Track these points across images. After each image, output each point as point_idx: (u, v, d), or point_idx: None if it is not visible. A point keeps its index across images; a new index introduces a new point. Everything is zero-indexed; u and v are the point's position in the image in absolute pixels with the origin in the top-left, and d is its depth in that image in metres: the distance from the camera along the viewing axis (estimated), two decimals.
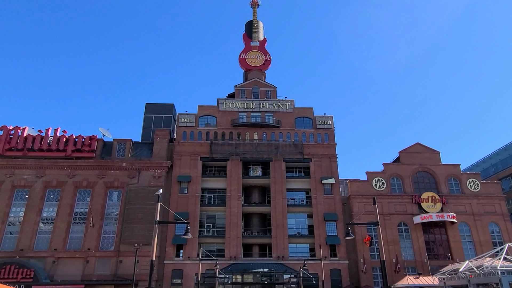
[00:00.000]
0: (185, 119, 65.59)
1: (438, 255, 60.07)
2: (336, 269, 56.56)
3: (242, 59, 73.33)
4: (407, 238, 60.49)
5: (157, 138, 63.53)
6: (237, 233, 58.16)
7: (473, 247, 60.14)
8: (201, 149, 63.40)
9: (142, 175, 60.03)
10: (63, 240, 55.13)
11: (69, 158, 60.07)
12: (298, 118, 67.20)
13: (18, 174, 58.70)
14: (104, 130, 63.98)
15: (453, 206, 62.06)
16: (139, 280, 49.85)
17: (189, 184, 60.75)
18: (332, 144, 65.29)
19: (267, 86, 69.86)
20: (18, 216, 57.05)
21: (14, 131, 60.70)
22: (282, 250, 57.48)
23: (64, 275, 52.49)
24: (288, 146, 64.15)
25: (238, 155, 63.01)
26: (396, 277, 53.82)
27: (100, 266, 53.94)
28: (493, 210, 62.90)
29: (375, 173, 64.57)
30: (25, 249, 53.90)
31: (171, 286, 54.05)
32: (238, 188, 61.13)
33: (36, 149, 59.80)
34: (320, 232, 58.62)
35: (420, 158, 66.18)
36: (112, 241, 56.06)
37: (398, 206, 62.02)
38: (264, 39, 76.01)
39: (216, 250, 57.83)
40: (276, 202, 60.50)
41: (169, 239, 56.77)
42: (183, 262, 55.78)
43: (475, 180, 65.14)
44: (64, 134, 61.42)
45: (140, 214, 55.91)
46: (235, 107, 67.07)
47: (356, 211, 60.09)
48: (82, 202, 58.62)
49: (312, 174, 62.92)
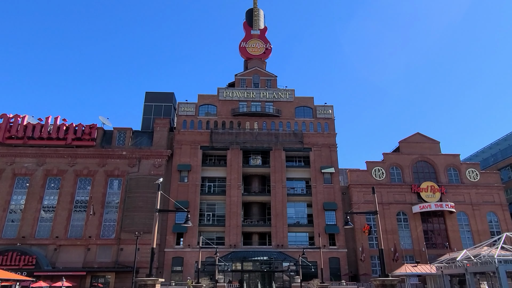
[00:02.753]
0: (185, 108, 65.45)
1: (436, 244, 60.58)
2: (335, 258, 57.13)
3: (243, 48, 72.76)
4: (405, 227, 60.93)
5: (157, 127, 63.53)
6: (237, 221, 58.56)
7: (471, 237, 60.61)
8: (201, 138, 63.44)
9: (142, 163, 60.19)
10: (64, 228, 55.61)
11: (69, 146, 60.17)
12: (298, 108, 67.04)
13: (19, 162, 58.89)
14: (104, 119, 63.93)
15: (452, 196, 62.33)
16: (139, 268, 50.37)
17: (189, 173, 60.94)
18: (332, 133, 65.28)
19: (268, 75, 69.51)
20: (19, 204, 57.44)
21: (14, 119, 60.72)
22: (281, 238, 57.95)
23: (66, 262, 53.10)
24: (288, 136, 64.15)
25: (238, 144, 63.06)
26: (394, 265, 54.37)
27: (101, 253, 54.52)
28: (492, 200, 63.21)
29: (374, 163, 64.72)
30: (26, 237, 54.40)
31: (171, 274, 54.69)
32: (238, 177, 61.35)
33: (36, 138, 59.89)
34: (319, 221, 59.03)
35: (420, 148, 66.25)
36: (113, 229, 56.51)
37: (397, 196, 62.33)
38: (264, 28, 75.28)
39: (216, 239, 58.32)
40: (276, 191, 60.78)
41: (169, 228, 57.21)
42: (183, 250, 56.32)
43: (475, 170, 65.31)
44: (64, 123, 61.42)
45: (140, 203, 56.29)
46: (235, 96, 66.88)
47: (355, 200, 60.45)
48: (83, 191, 58.92)
49: (312, 164, 63.07)
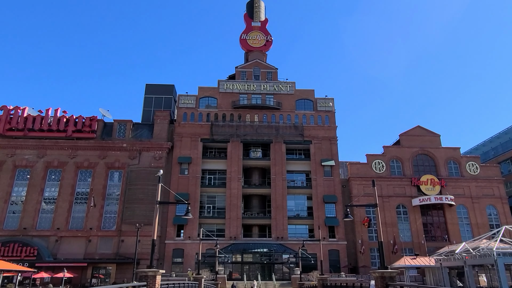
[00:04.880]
0: (185, 100, 65.30)
1: (436, 237, 60.85)
2: (334, 250, 57.45)
3: (243, 40, 72.32)
4: (405, 220, 61.16)
5: (157, 119, 63.46)
6: (237, 214, 58.79)
7: (470, 230, 60.85)
8: (201, 130, 63.40)
9: (143, 156, 60.24)
10: (66, 220, 55.87)
11: (70, 138, 60.17)
12: (299, 100, 66.87)
13: (19, 154, 58.95)
14: (104, 111, 63.85)
15: (451, 189, 62.44)
16: (140, 259, 50.67)
17: (189, 165, 61.02)
18: (332, 126, 65.20)
19: (268, 67, 69.21)
20: (20, 195, 57.63)
21: (14, 111, 60.64)
22: (281, 231, 58.21)
23: (67, 253, 53.45)
24: (289, 128, 64.08)
25: (238, 136, 63.04)
26: (393, 258, 54.66)
27: (102, 245, 54.86)
28: (492, 193, 63.33)
29: (375, 156, 64.74)
30: (28, 228, 54.68)
31: (172, 265, 55.05)
32: (238, 169, 61.44)
33: (37, 129, 59.86)
34: (319, 214, 59.23)
35: (420, 141, 66.19)
36: (113, 221, 56.77)
37: (397, 189, 62.45)
38: (265, 19, 74.68)
39: (216, 231, 58.59)
40: (276, 184, 60.90)
41: (170, 220, 57.46)
42: (183, 241, 56.63)
43: (475, 163, 65.33)
44: (64, 115, 61.34)
45: (141, 195, 56.44)
46: (235, 88, 66.66)
47: (355, 193, 60.55)
48: (84, 182, 59.07)
49: (312, 156, 63.10)
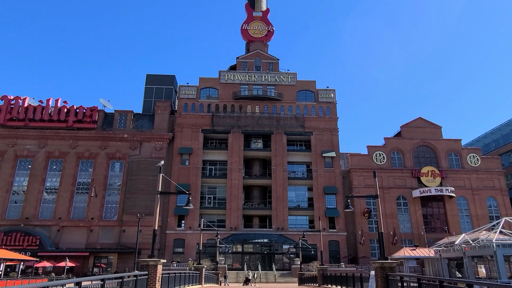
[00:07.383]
0: (186, 91, 65.08)
1: (435, 228, 61.08)
2: (334, 241, 57.77)
3: (244, 30, 71.75)
4: (405, 212, 61.35)
5: (158, 110, 63.35)
6: (237, 204, 59.01)
7: (470, 221, 61.04)
8: (202, 121, 63.31)
9: (144, 146, 60.30)
10: (67, 210, 56.18)
11: (71, 128, 60.17)
12: (300, 91, 66.61)
13: (21, 144, 59.02)
14: (105, 101, 63.61)
15: (452, 181, 62.51)
16: (141, 249, 51.09)
17: (190, 156, 61.09)
18: (333, 117, 65.03)
19: (270, 58, 68.79)
20: (22, 185, 57.85)
21: (15, 101, 60.51)
22: (282, 221, 58.48)
23: (69, 243, 53.88)
24: (290, 119, 63.95)
25: (239, 127, 62.96)
26: (393, 249, 54.98)
27: (104, 235, 55.25)
28: (492, 185, 63.38)
29: (376, 147, 64.70)
30: (30, 218, 55.01)
31: (173, 255, 55.48)
32: (239, 160, 61.50)
33: (38, 120, 59.84)
34: (319, 205, 59.43)
35: (421, 132, 66.07)
36: (115, 211, 57.07)
37: (397, 180, 62.52)
38: (267, 9, 73.92)
39: (217, 221, 58.84)
40: (277, 175, 61.00)
41: (171, 210, 57.71)
42: (184, 232, 56.98)
43: (476, 155, 65.27)
44: (65, 105, 61.25)
45: (142, 185, 56.65)
46: (236, 79, 66.37)
47: (356, 184, 60.60)
48: (85, 173, 59.24)
49: (313, 148, 63.08)
